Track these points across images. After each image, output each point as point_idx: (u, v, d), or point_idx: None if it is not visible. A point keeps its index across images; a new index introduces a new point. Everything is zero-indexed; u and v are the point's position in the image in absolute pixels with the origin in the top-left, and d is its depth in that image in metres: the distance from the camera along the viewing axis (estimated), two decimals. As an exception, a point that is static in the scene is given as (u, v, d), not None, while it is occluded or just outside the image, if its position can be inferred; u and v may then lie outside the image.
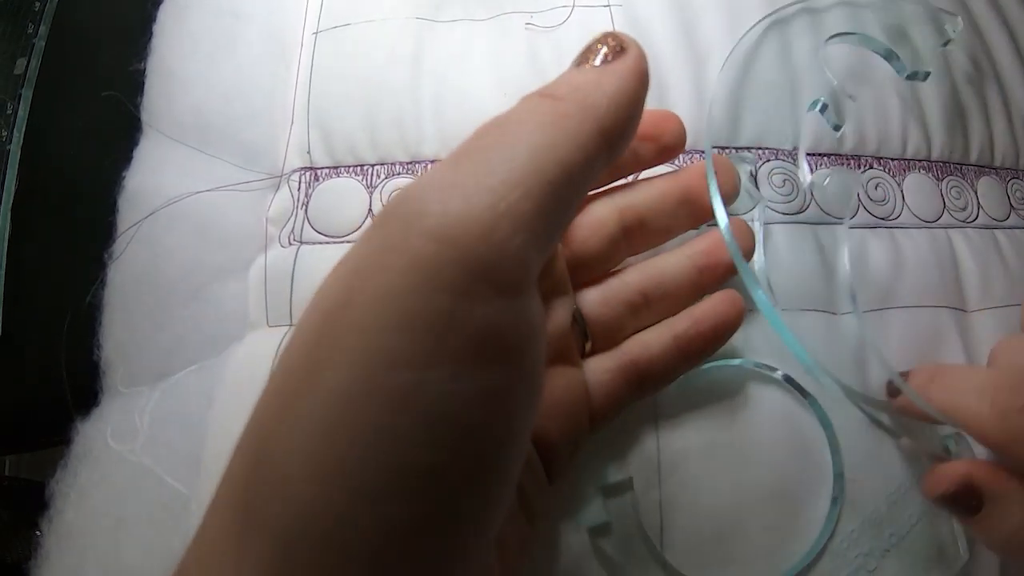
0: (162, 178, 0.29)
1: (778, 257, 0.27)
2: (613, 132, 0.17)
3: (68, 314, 0.29)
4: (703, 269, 0.24)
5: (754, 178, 0.28)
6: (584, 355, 0.24)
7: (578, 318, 0.23)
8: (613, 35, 0.19)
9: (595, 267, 0.24)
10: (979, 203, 0.31)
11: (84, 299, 0.28)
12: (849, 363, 0.26)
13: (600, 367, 0.23)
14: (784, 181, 0.29)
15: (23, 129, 0.32)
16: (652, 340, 0.24)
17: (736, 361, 0.26)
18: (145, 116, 0.30)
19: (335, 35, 0.30)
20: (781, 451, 0.25)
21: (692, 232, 0.26)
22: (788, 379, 0.26)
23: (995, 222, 0.31)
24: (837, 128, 0.29)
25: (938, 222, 0.30)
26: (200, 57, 0.30)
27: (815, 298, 0.27)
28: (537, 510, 0.21)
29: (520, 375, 0.15)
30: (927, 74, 0.30)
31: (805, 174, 0.29)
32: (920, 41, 0.31)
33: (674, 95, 0.29)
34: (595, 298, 0.24)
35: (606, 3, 0.31)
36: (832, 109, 0.29)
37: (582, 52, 0.19)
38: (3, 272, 0.31)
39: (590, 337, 0.24)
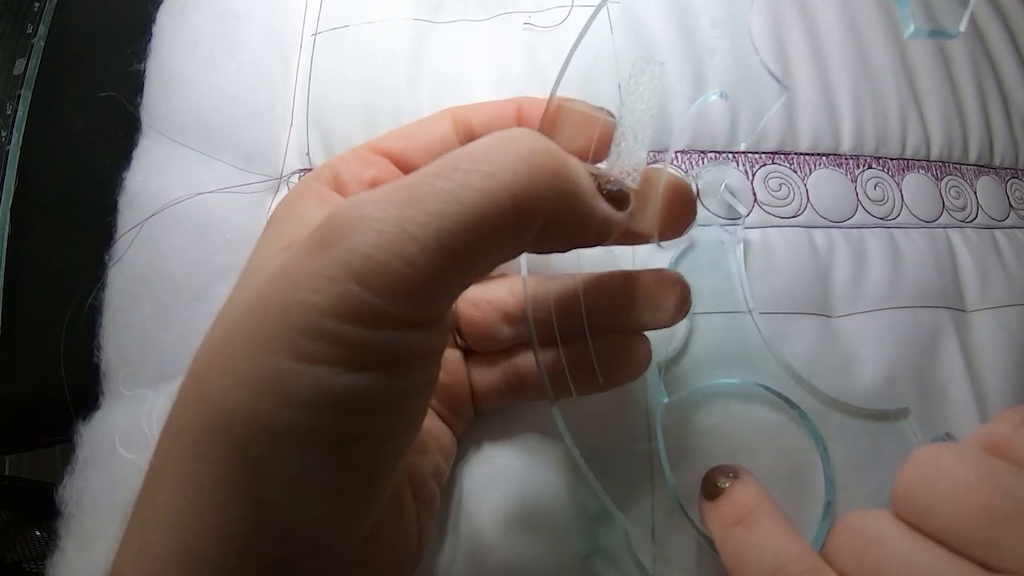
0: (162, 179, 0.29)
1: (773, 260, 0.27)
2: (580, 229, 0.18)
3: (68, 314, 0.29)
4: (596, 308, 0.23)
5: (731, 192, 0.28)
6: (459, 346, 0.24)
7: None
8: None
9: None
10: (978, 203, 0.31)
11: (84, 299, 0.28)
12: (840, 366, 0.26)
13: (483, 367, 0.24)
14: (780, 185, 0.29)
15: (23, 129, 0.33)
16: (532, 361, 0.23)
17: (729, 381, 0.25)
18: (145, 117, 0.30)
19: (334, 36, 0.30)
20: (773, 464, 0.25)
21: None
22: (777, 394, 0.25)
23: (994, 222, 0.31)
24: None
25: (937, 222, 0.30)
26: (200, 58, 0.30)
27: (808, 302, 0.27)
28: (450, 454, 0.24)
29: (407, 383, 0.16)
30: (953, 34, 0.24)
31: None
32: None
33: (674, 95, 0.29)
34: (469, 298, 0.24)
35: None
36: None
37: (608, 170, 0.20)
38: (3, 272, 0.31)
39: (461, 334, 0.24)
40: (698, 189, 0.28)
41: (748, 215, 0.28)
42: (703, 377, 0.26)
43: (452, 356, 0.24)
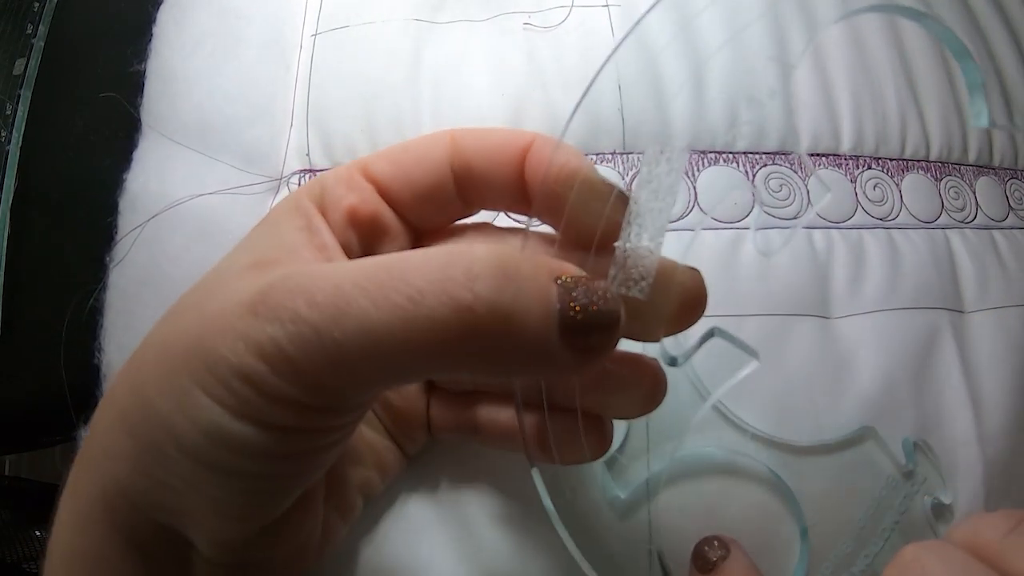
0: (163, 180, 0.29)
1: (772, 261, 0.27)
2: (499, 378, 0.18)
3: (68, 314, 0.29)
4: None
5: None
6: None
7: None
8: (614, 309, 0.17)
9: None
10: (977, 203, 0.31)
11: (84, 299, 0.28)
12: (839, 368, 0.26)
13: (442, 405, 0.23)
14: (781, 186, 0.29)
15: (22, 129, 0.33)
16: (493, 416, 0.23)
17: (687, 452, 0.25)
18: (145, 117, 0.30)
19: (334, 37, 0.30)
20: (748, 520, 0.25)
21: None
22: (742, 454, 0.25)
23: (993, 222, 0.31)
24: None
25: (936, 222, 0.30)
26: (200, 58, 0.30)
27: (807, 303, 0.27)
28: (389, 471, 0.23)
29: (297, 448, 0.17)
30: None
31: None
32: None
33: (673, 96, 0.29)
34: None
35: (604, 3, 0.31)
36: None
37: (583, 277, 0.17)
38: (3, 272, 0.31)
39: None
40: (696, 192, 0.28)
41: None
42: (656, 456, 0.25)
43: (414, 386, 0.23)
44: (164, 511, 0.17)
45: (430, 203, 0.21)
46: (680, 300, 0.20)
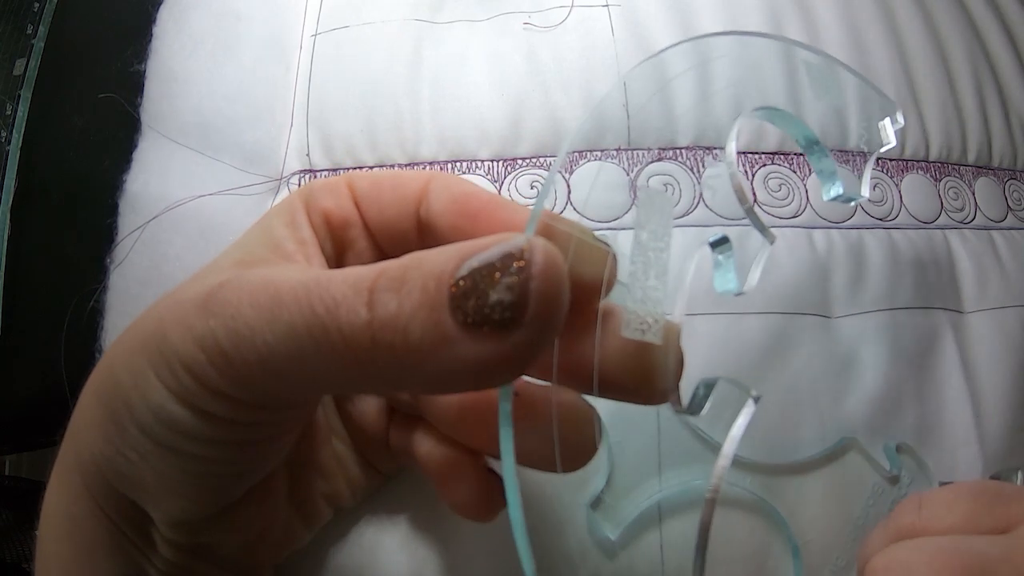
0: (163, 181, 0.29)
1: (772, 260, 0.27)
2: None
3: (68, 314, 0.29)
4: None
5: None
6: None
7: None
8: (520, 288, 0.14)
9: None
10: (976, 204, 0.31)
11: (84, 299, 0.28)
12: (839, 367, 0.26)
13: (399, 428, 0.23)
14: (780, 185, 0.29)
15: (23, 130, 0.33)
16: (432, 451, 0.21)
17: (671, 490, 0.24)
18: (145, 117, 0.30)
19: (334, 37, 0.30)
20: (741, 546, 0.24)
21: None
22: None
23: (992, 223, 0.31)
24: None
25: (935, 223, 0.30)
26: (200, 59, 0.30)
27: (808, 302, 0.27)
28: (359, 484, 0.23)
29: (236, 438, 0.18)
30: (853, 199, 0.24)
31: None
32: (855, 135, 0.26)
33: (676, 94, 0.29)
34: None
35: (604, 3, 0.31)
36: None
37: (473, 268, 0.15)
38: (3, 272, 0.31)
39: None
40: (701, 190, 0.28)
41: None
42: (643, 495, 0.24)
43: (373, 404, 0.23)
44: (125, 482, 0.18)
45: (393, 233, 0.21)
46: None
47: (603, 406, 0.19)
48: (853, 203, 0.28)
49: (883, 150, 0.24)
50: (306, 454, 0.22)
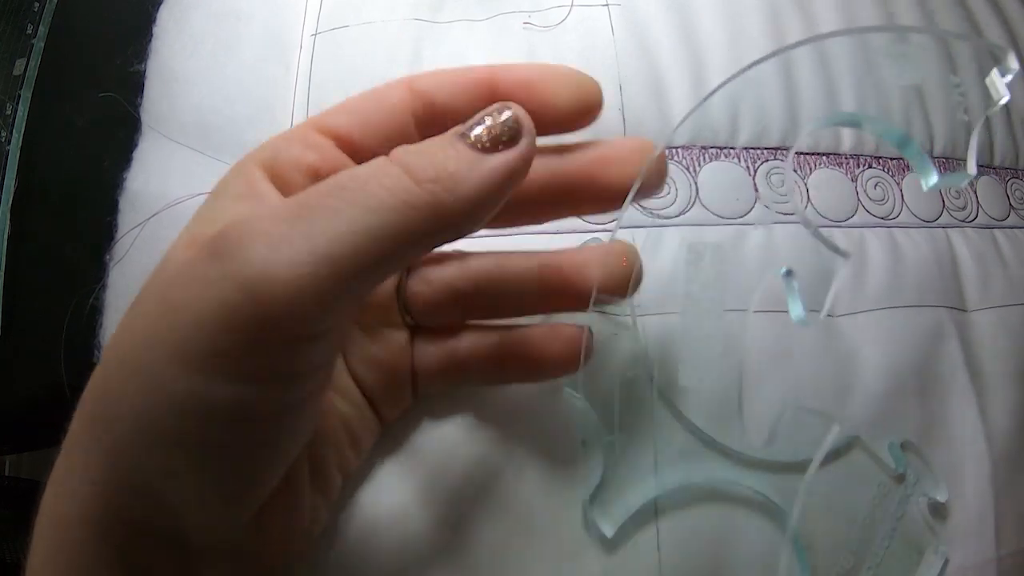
0: (163, 180, 0.29)
1: (773, 258, 0.27)
2: (462, 226, 0.18)
3: (68, 314, 0.29)
4: (549, 290, 0.23)
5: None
6: (407, 325, 0.23)
7: (400, 290, 0.23)
8: (515, 116, 0.18)
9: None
10: (978, 202, 0.31)
11: (84, 299, 0.28)
12: (842, 365, 0.26)
13: (426, 346, 0.23)
14: (783, 182, 0.29)
15: (22, 129, 0.33)
16: (478, 342, 0.23)
17: (692, 479, 0.25)
18: (145, 117, 0.30)
19: (334, 37, 0.30)
20: (745, 547, 0.24)
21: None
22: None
23: (994, 221, 0.31)
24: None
25: (937, 221, 0.30)
26: (200, 58, 0.30)
27: (809, 300, 0.27)
28: (363, 445, 0.23)
29: (287, 396, 0.17)
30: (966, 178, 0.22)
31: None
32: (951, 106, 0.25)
33: (673, 95, 0.29)
34: (421, 275, 0.23)
35: (604, 2, 0.31)
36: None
37: (472, 120, 0.18)
38: (3, 272, 0.31)
39: (409, 311, 0.23)
40: (697, 187, 0.28)
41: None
42: (641, 490, 0.24)
43: (398, 337, 0.23)
44: (148, 515, 0.17)
45: (393, 144, 0.20)
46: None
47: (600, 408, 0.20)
48: (965, 182, 0.26)
49: (1000, 104, 0.21)
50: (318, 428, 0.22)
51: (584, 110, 0.20)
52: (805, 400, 0.26)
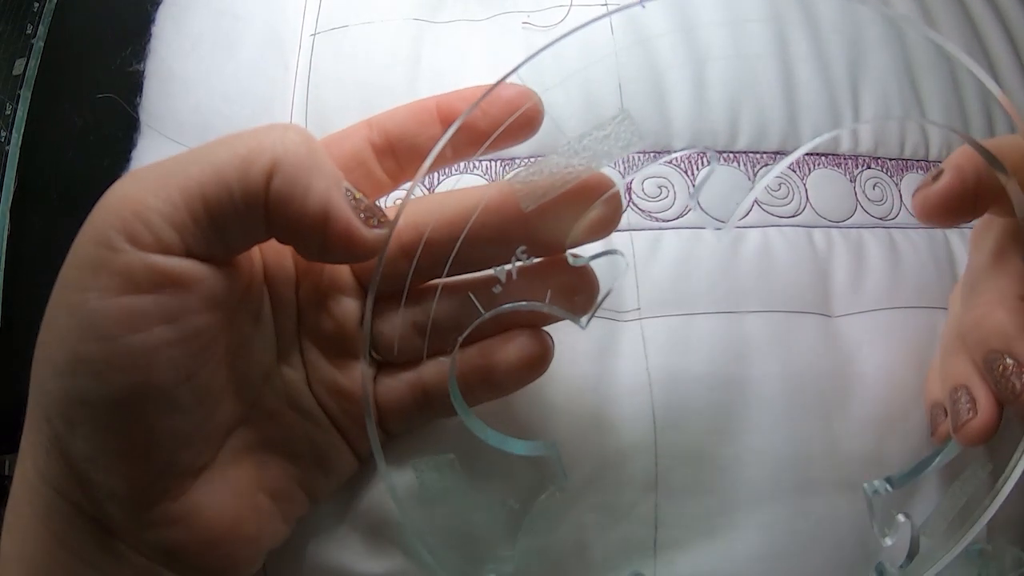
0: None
1: (772, 259, 0.27)
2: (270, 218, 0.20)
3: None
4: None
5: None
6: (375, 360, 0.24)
7: (363, 326, 0.23)
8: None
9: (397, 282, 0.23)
10: (977, 203, 0.31)
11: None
12: (841, 366, 0.26)
13: (393, 377, 0.24)
14: (780, 184, 0.29)
15: (22, 129, 0.33)
16: (440, 367, 0.23)
17: None
18: (144, 117, 0.30)
19: (333, 37, 0.30)
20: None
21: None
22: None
23: (993, 222, 0.31)
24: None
25: (936, 222, 0.30)
26: (199, 58, 0.30)
27: (808, 301, 0.27)
28: (335, 471, 0.24)
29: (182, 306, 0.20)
30: None
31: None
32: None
33: (673, 95, 0.29)
34: (385, 312, 0.23)
35: (604, 2, 0.31)
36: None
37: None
38: (3, 271, 0.31)
39: (376, 348, 0.24)
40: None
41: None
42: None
43: (364, 370, 0.23)
44: (78, 480, 0.19)
45: (354, 176, 0.22)
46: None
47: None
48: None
49: None
50: (269, 432, 0.23)
51: (523, 123, 0.22)
52: (805, 399, 0.26)
